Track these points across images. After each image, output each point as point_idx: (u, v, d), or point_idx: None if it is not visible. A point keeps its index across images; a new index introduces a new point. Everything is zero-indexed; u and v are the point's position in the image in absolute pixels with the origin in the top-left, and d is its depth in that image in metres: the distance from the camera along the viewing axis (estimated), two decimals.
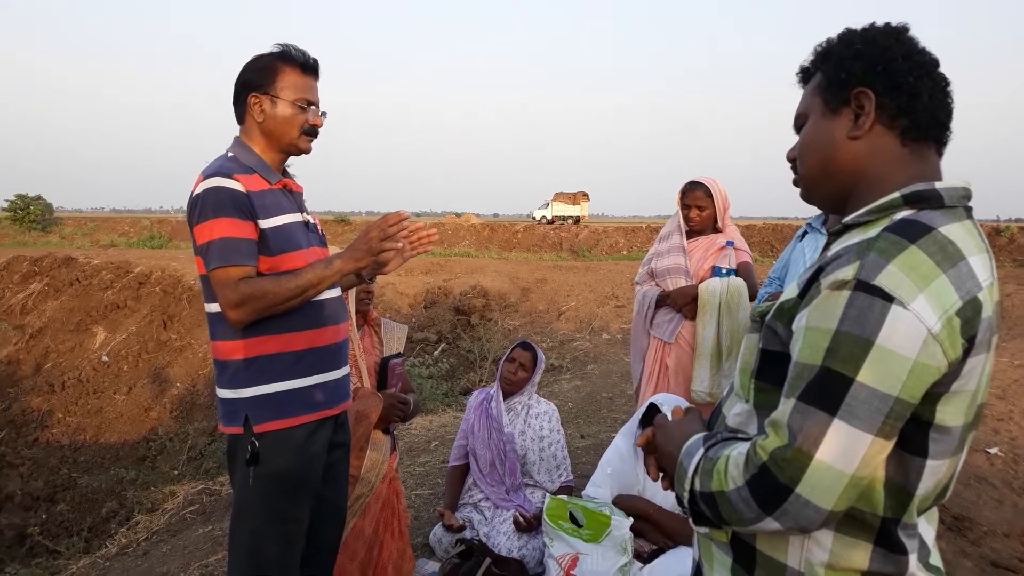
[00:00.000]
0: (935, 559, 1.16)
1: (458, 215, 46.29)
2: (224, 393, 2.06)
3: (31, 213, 36.49)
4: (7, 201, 36.77)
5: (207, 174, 2.02)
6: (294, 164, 2.33)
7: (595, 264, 22.39)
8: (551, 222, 40.11)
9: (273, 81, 2.09)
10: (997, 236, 19.76)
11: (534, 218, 45.75)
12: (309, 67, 2.15)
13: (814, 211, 2.66)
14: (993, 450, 5.09)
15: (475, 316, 14.97)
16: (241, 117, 2.15)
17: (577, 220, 42.85)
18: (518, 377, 3.40)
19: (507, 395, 3.43)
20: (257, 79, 2.10)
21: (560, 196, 46.81)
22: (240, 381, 2.02)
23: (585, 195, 47.07)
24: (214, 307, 2.03)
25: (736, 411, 1.24)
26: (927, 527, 1.15)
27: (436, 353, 12.81)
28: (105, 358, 12.94)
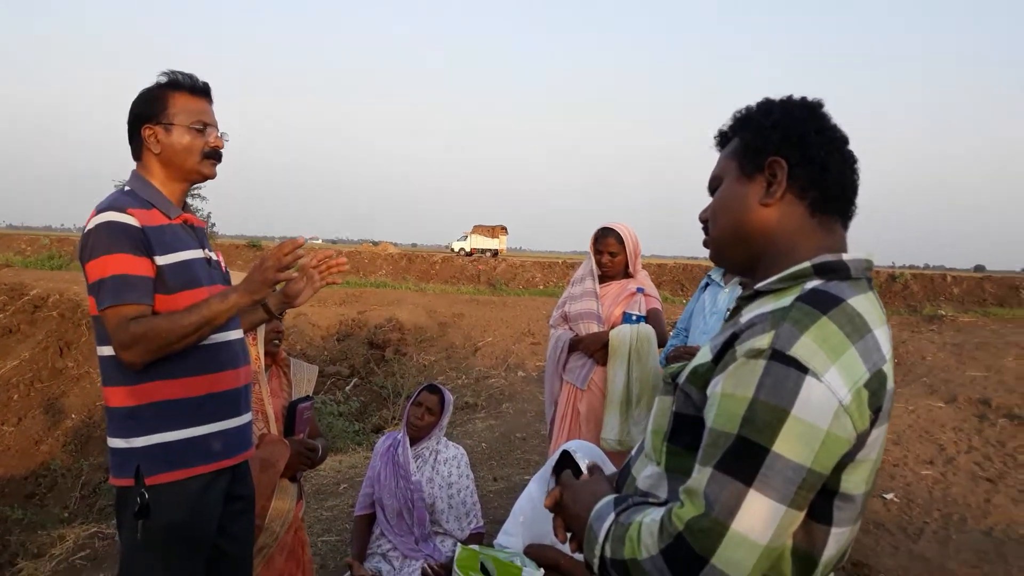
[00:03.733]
0: None
1: (375, 244, 45.89)
2: (115, 442, 1.95)
3: None
4: None
5: (100, 208, 1.93)
6: (203, 187, 2.25)
7: (512, 299, 22.47)
8: (469, 254, 40.19)
9: (164, 108, 2.03)
10: (892, 282, 20.74)
11: (452, 250, 45.82)
12: (199, 89, 2.09)
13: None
14: (889, 495, 5.28)
15: (390, 350, 14.77)
16: (137, 153, 2.08)
17: (495, 253, 43.08)
18: (425, 422, 3.33)
19: (414, 440, 3.35)
20: (148, 110, 2.03)
21: (479, 229, 47.12)
22: (132, 429, 1.92)
23: (504, 228, 47.51)
24: (106, 350, 1.93)
25: (647, 473, 1.23)
26: None
27: (348, 388, 12.56)
28: None
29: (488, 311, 18.95)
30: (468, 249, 44.67)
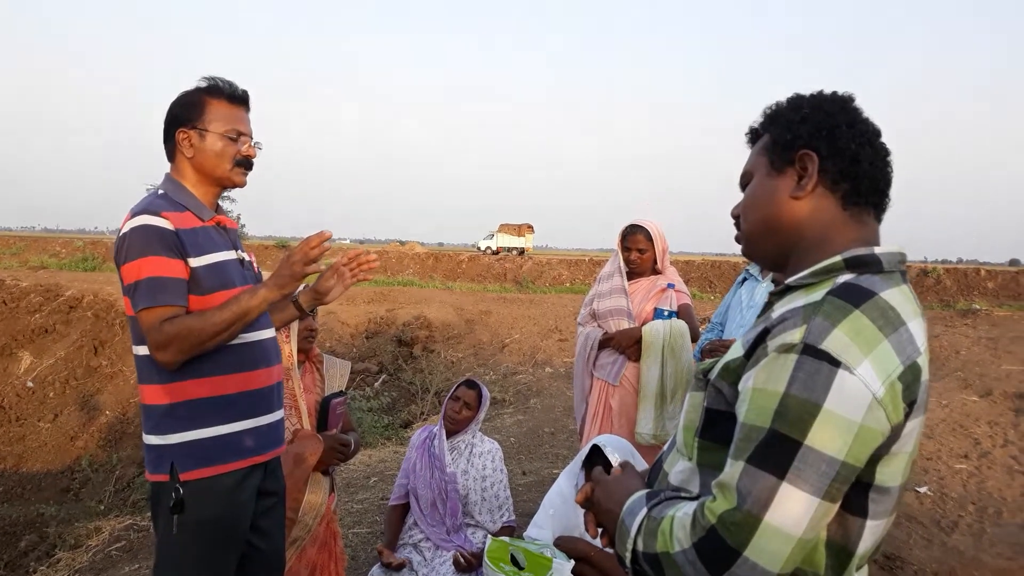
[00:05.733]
0: None
1: (402, 243, 46.10)
2: (150, 439, 1.99)
3: None
4: None
5: (135, 212, 1.96)
6: (232, 191, 2.28)
7: (539, 297, 22.47)
8: (496, 253, 40.23)
9: (201, 114, 2.05)
10: (925, 277, 20.46)
11: (479, 248, 45.85)
12: (237, 98, 2.12)
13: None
14: (923, 489, 5.23)
15: (418, 347, 14.85)
16: (171, 154, 2.11)
17: (522, 251, 43.09)
18: (462, 416, 3.37)
19: (450, 434, 3.39)
20: (184, 114, 2.06)
21: (505, 227, 47.11)
22: (166, 427, 1.96)
23: (530, 227, 47.45)
24: (142, 349, 1.97)
25: (679, 469, 1.23)
26: None
27: (377, 385, 12.64)
28: (30, 384, 12.43)
29: (515, 308, 18.98)
30: (495, 248, 44.70)
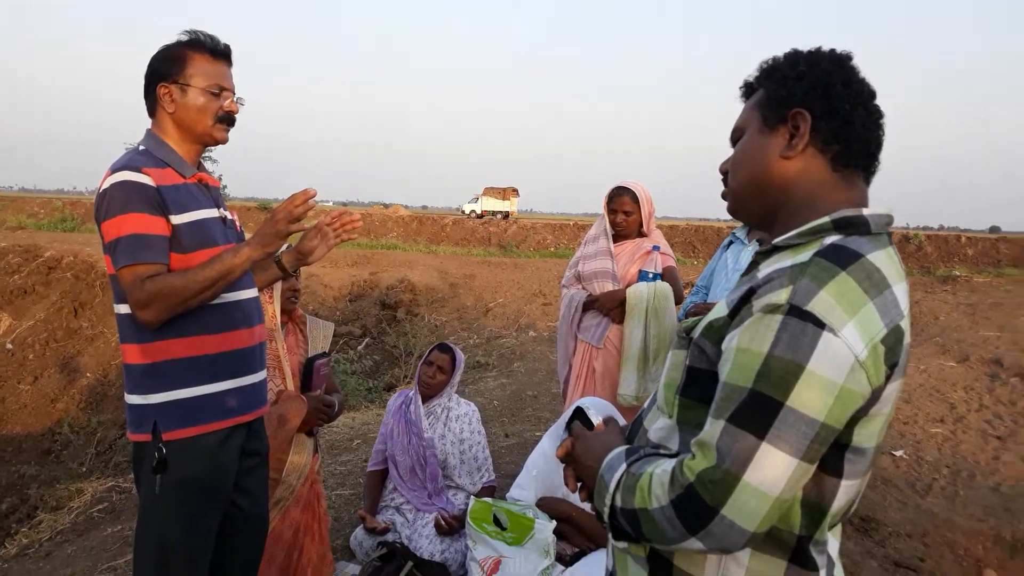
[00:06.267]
0: (838, 572, 1.19)
1: (386, 206, 45.84)
2: (132, 399, 1.98)
3: None
4: None
5: (115, 168, 1.93)
6: (215, 150, 2.24)
7: (523, 261, 22.47)
8: (480, 216, 40.09)
9: (182, 69, 2.01)
10: (906, 243, 20.62)
11: (463, 212, 45.66)
12: (220, 52, 2.07)
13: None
14: (899, 452, 5.32)
15: (401, 311, 14.84)
16: (152, 110, 2.07)
17: (506, 215, 42.97)
18: (436, 380, 3.37)
19: (426, 398, 3.40)
20: (165, 68, 2.01)
21: (490, 191, 46.90)
22: (148, 386, 1.94)
23: (515, 191, 47.26)
24: (123, 308, 1.95)
25: (658, 426, 1.24)
26: (833, 541, 1.18)
27: (360, 348, 12.65)
28: (9, 346, 12.34)
29: (499, 272, 18.99)
30: (479, 211, 44.53)
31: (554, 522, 2.91)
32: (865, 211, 1.12)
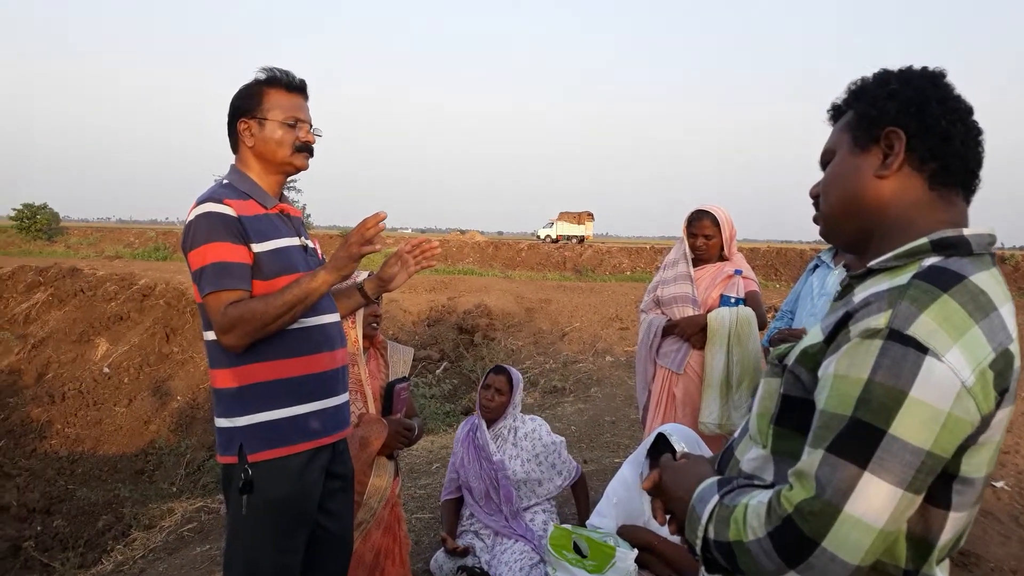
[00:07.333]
0: None
1: (462, 232, 46.42)
2: (220, 422, 2.05)
3: (37, 223, 36.59)
4: (13, 210, 36.90)
5: (200, 200, 2.03)
6: (298, 180, 2.32)
7: (599, 285, 22.36)
8: (555, 241, 40.15)
9: (259, 104, 2.11)
10: (1002, 263, 19.72)
11: (538, 237, 45.86)
12: (294, 86, 2.17)
13: (819, 236, 2.67)
14: (1000, 483, 5.04)
15: (478, 335, 14.93)
16: (235, 146, 2.18)
17: (581, 240, 42.94)
18: (496, 403, 3.39)
19: (490, 423, 3.42)
20: (244, 105, 2.12)
21: (565, 215, 47.03)
22: (235, 409, 2.01)
23: (590, 215, 47.25)
24: (211, 334, 2.03)
25: (751, 456, 1.21)
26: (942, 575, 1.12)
27: (438, 372, 12.76)
28: (106, 370, 12.90)
29: (575, 297, 18.93)
30: (554, 236, 44.67)
31: (636, 551, 2.86)
32: (966, 231, 1.07)
